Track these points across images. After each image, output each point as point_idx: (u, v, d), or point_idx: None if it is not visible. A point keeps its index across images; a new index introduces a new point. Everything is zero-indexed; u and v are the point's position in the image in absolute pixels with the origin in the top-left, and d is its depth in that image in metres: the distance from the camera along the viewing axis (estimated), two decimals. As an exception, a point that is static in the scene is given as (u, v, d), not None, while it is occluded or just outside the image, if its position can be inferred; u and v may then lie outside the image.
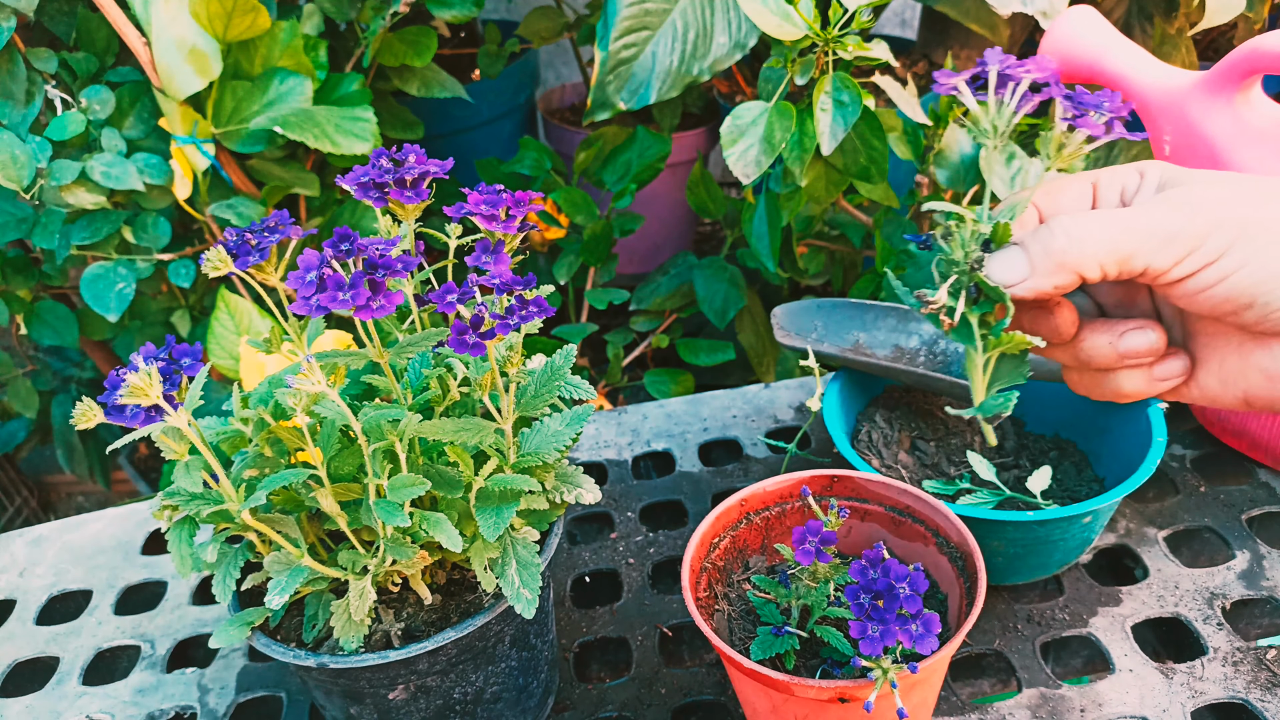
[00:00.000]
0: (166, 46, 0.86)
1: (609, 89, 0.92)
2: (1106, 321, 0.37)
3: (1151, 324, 0.37)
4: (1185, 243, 0.32)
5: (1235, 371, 0.36)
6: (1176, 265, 0.33)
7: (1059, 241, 0.33)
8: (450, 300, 0.40)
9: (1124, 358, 0.36)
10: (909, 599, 0.44)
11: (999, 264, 0.34)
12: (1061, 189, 0.37)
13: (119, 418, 0.40)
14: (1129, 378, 0.37)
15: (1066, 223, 0.33)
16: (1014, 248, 0.34)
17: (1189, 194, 0.33)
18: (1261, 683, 0.55)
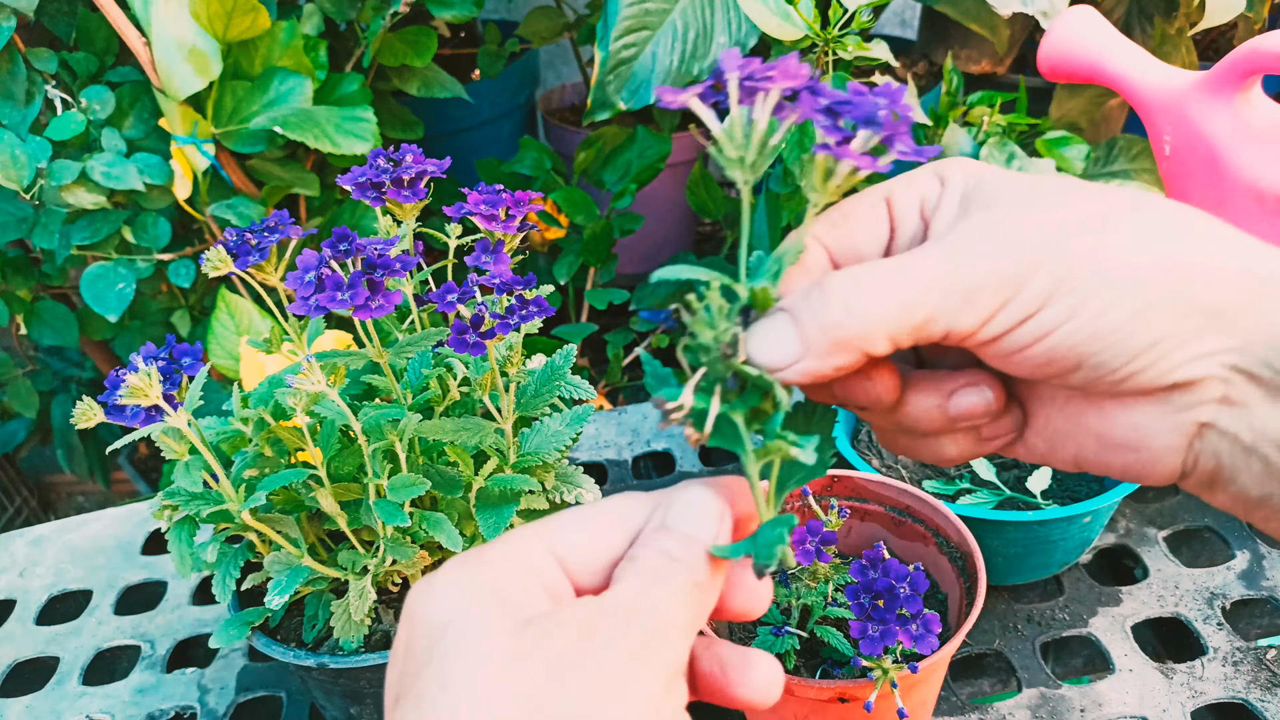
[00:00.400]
0: (166, 46, 0.86)
1: (609, 89, 0.92)
2: (930, 377, 0.29)
3: (983, 378, 0.28)
4: (993, 296, 0.24)
5: (1063, 433, 0.28)
6: (984, 325, 0.25)
7: (834, 314, 0.25)
8: (450, 300, 0.40)
9: (955, 421, 0.28)
10: (909, 599, 0.44)
11: (761, 342, 0.25)
12: (849, 214, 0.29)
13: (119, 418, 0.40)
14: (955, 442, 0.29)
15: (843, 287, 0.25)
16: (780, 317, 0.26)
17: (999, 222, 0.25)
18: (1261, 682, 0.55)
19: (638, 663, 0.23)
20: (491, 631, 0.23)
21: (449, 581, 0.25)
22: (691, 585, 0.25)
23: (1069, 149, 0.78)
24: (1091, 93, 1.00)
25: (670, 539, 0.25)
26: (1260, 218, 0.61)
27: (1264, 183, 0.60)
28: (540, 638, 0.23)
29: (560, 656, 0.22)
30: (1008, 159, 0.75)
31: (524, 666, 0.22)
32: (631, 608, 0.24)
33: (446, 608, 0.24)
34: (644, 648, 0.23)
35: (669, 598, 0.24)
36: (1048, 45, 0.66)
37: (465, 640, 0.23)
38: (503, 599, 0.24)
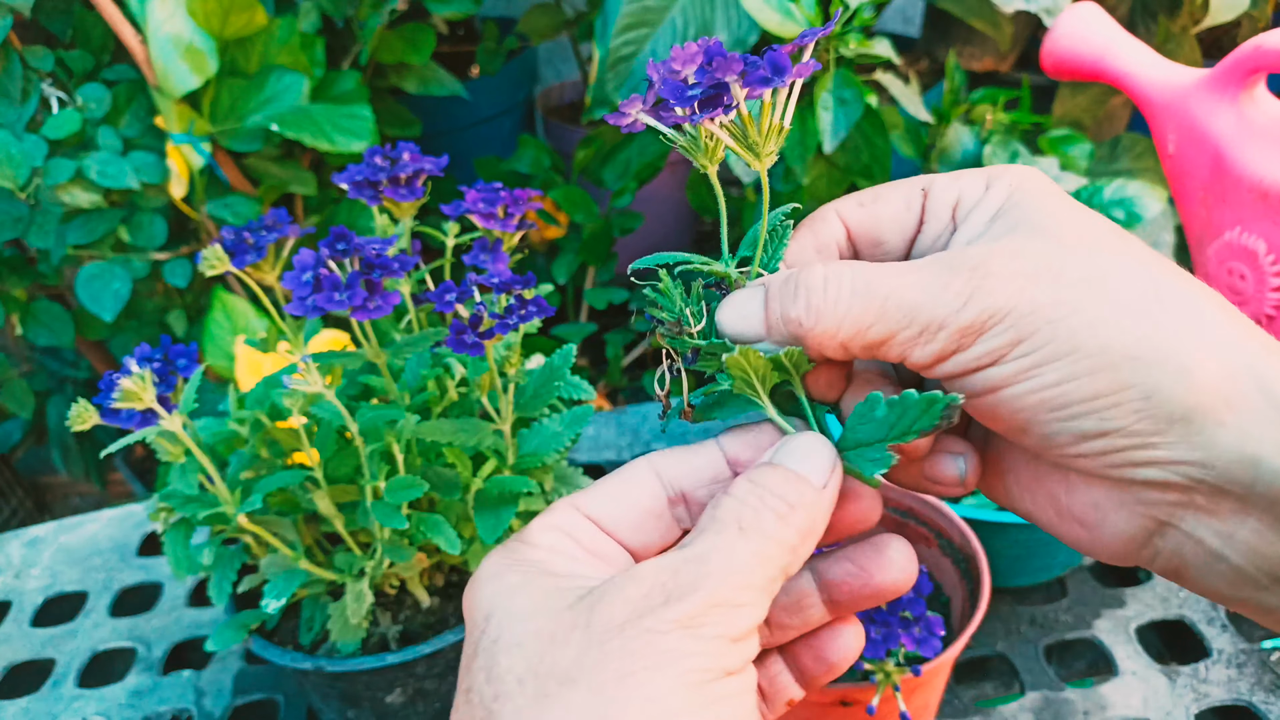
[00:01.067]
0: (163, 44, 0.86)
1: (608, 86, 0.92)
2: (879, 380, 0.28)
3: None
4: (948, 337, 0.23)
5: (1026, 488, 0.26)
6: (937, 364, 0.23)
7: (798, 309, 0.24)
8: (448, 299, 0.39)
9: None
10: (912, 602, 0.44)
11: (731, 311, 0.26)
12: (878, 196, 0.28)
13: (114, 420, 0.40)
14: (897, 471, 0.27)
15: (813, 284, 0.24)
16: (755, 293, 0.26)
17: (982, 258, 0.23)
18: (1266, 685, 0.54)
19: (687, 631, 0.21)
20: (533, 614, 0.22)
21: (490, 570, 0.24)
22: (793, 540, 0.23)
23: (1072, 147, 0.78)
24: (1095, 91, 0.99)
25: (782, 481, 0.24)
26: (1263, 215, 0.60)
27: (1268, 181, 0.59)
28: (584, 610, 0.22)
29: (605, 625, 0.21)
30: (1010, 157, 0.75)
31: (564, 642, 0.22)
32: (698, 570, 0.22)
33: (488, 597, 0.24)
34: (699, 614, 0.21)
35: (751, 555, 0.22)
36: (1051, 42, 0.66)
37: (505, 628, 0.22)
38: (546, 574, 0.24)
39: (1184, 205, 0.66)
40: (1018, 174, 0.26)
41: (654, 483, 0.26)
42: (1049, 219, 0.25)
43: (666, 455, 0.27)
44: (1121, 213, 0.72)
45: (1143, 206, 0.72)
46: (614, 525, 0.26)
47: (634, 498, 0.26)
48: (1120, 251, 0.24)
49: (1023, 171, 0.26)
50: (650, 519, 0.26)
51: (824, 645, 0.27)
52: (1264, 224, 0.60)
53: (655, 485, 0.26)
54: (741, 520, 0.23)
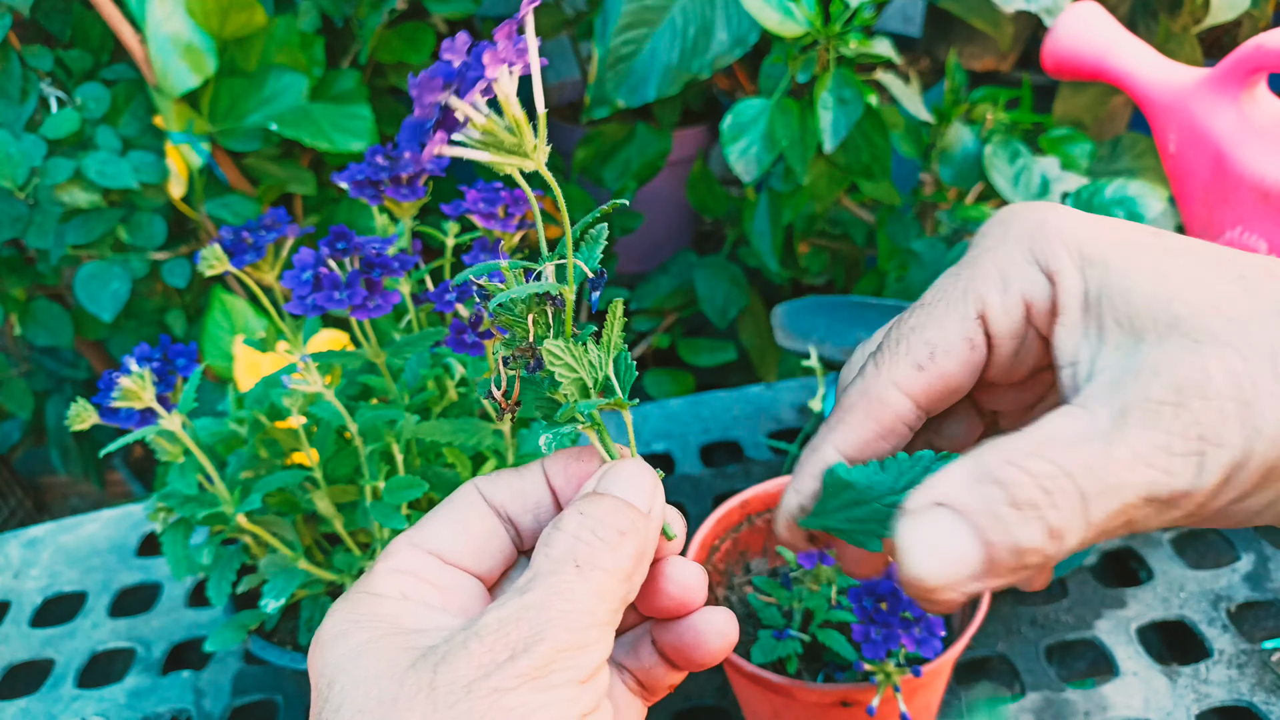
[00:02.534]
0: (162, 44, 0.86)
1: (607, 86, 0.92)
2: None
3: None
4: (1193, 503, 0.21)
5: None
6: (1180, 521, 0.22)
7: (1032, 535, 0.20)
8: (448, 299, 0.39)
9: None
10: (912, 602, 0.44)
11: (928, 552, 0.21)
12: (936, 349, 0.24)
13: (113, 420, 0.40)
14: None
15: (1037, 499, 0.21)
16: (945, 517, 0.21)
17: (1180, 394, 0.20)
18: (1267, 685, 0.54)
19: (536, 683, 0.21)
20: (375, 678, 0.21)
21: (335, 629, 0.23)
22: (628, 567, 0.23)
23: (1073, 147, 0.77)
24: (1096, 90, 0.99)
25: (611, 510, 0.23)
26: (1265, 216, 0.60)
27: (1269, 180, 0.59)
28: (426, 671, 0.21)
29: (450, 688, 0.20)
30: (1011, 157, 0.75)
31: (406, 710, 0.20)
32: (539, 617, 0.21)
33: (332, 662, 0.22)
34: (547, 664, 0.21)
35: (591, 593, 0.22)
36: (1052, 42, 0.66)
37: (350, 692, 0.21)
38: (394, 630, 0.23)
39: (1185, 205, 0.66)
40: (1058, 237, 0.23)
41: (485, 508, 0.26)
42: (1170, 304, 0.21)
43: (493, 480, 0.26)
44: (1122, 212, 0.72)
45: (1144, 206, 0.72)
46: (457, 556, 0.25)
47: (468, 526, 0.25)
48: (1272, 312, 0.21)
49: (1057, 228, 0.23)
50: (489, 543, 0.26)
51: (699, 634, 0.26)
52: (1265, 224, 0.60)
53: (487, 510, 0.26)
54: (576, 557, 0.23)
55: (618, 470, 0.25)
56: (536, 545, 0.24)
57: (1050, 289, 0.24)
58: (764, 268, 1.05)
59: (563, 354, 0.24)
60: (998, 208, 0.82)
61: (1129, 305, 0.22)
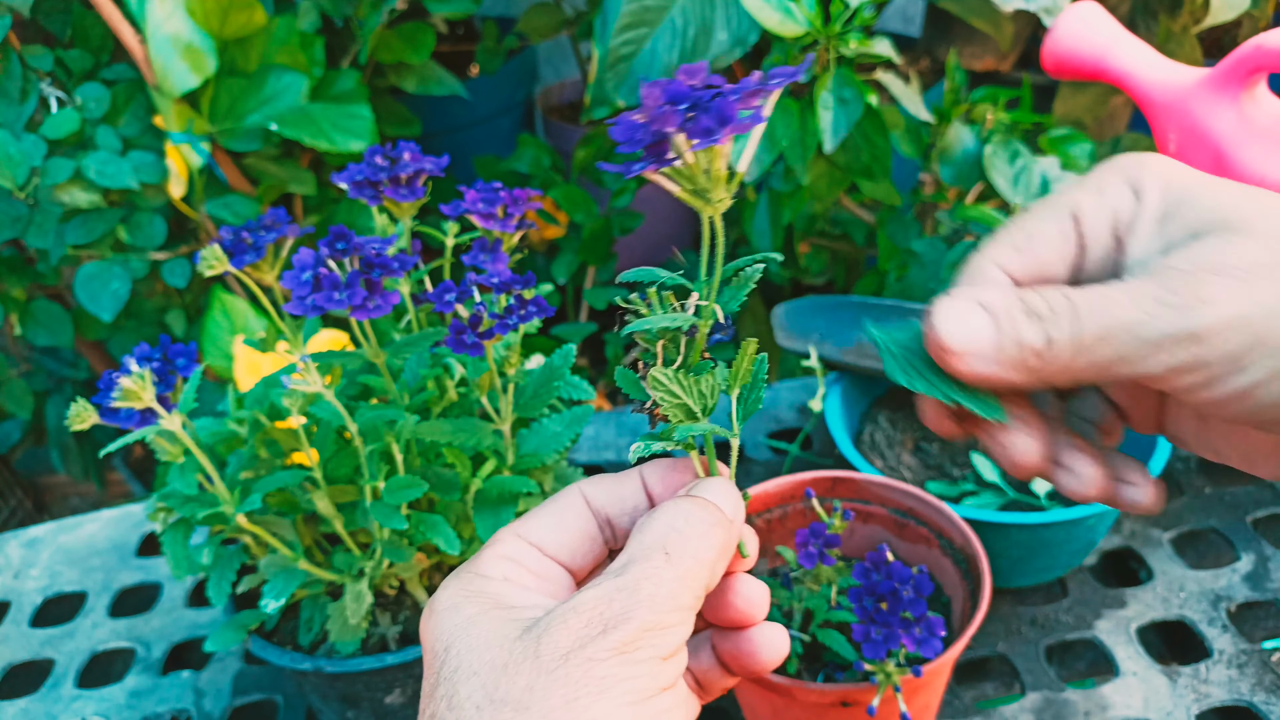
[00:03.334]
0: (162, 44, 0.86)
1: (608, 86, 0.92)
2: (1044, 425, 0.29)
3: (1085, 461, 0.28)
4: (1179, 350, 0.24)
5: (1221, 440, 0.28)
6: (1168, 376, 0.24)
7: (1032, 335, 0.25)
8: (448, 299, 0.39)
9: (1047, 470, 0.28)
10: (913, 602, 0.44)
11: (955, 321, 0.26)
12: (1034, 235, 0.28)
13: (113, 420, 0.40)
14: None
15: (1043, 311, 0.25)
16: (976, 307, 0.26)
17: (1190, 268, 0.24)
18: (1267, 685, 0.54)
19: (624, 656, 0.23)
20: (487, 645, 0.24)
21: (447, 602, 0.26)
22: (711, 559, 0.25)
23: (1073, 147, 0.77)
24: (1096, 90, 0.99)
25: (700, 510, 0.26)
26: (1265, 216, 0.60)
27: (1269, 180, 0.59)
28: (532, 641, 0.24)
29: (551, 655, 0.23)
30: (1011, 156, 0.75)
31: (517, 671, 0.23)
32: (630, 599, 0.24)
33: (447, 629, 0.25)
34: (633, 640, 0.23)
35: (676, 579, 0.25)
36: (1052, 42, 0.66)
37: (464, 658, 0.24)
38: (499, 605, 0.26)
39: (1185, 205, 0.66)
40: (1155, 172, 0.27)
41: (585, 509, 0.29)
42: (1229, 210, 0.25)
43: (595, 483, 0.29)
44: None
45: (1143, 206, 0.72)
46: (555, 550, 0.28)
47: (569, 524, 0.28)
48: None
49: (1156, 167, 0.27)
50: (584, 542, 0.29)
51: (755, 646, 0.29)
52: (1265, 224, 0.60)
53: (586, 511, 0.29)
54: (667, 545, 0.25)
55: (710, 482, 0.28)
56: (631, 534, 0.26)
57: (1136, 205, 0.27)
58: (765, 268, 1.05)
59: (668, 382, 0.27)
60: (998, 208, 0.82)
61: (1196, 214, 0.25)
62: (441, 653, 0.25)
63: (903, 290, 0.79)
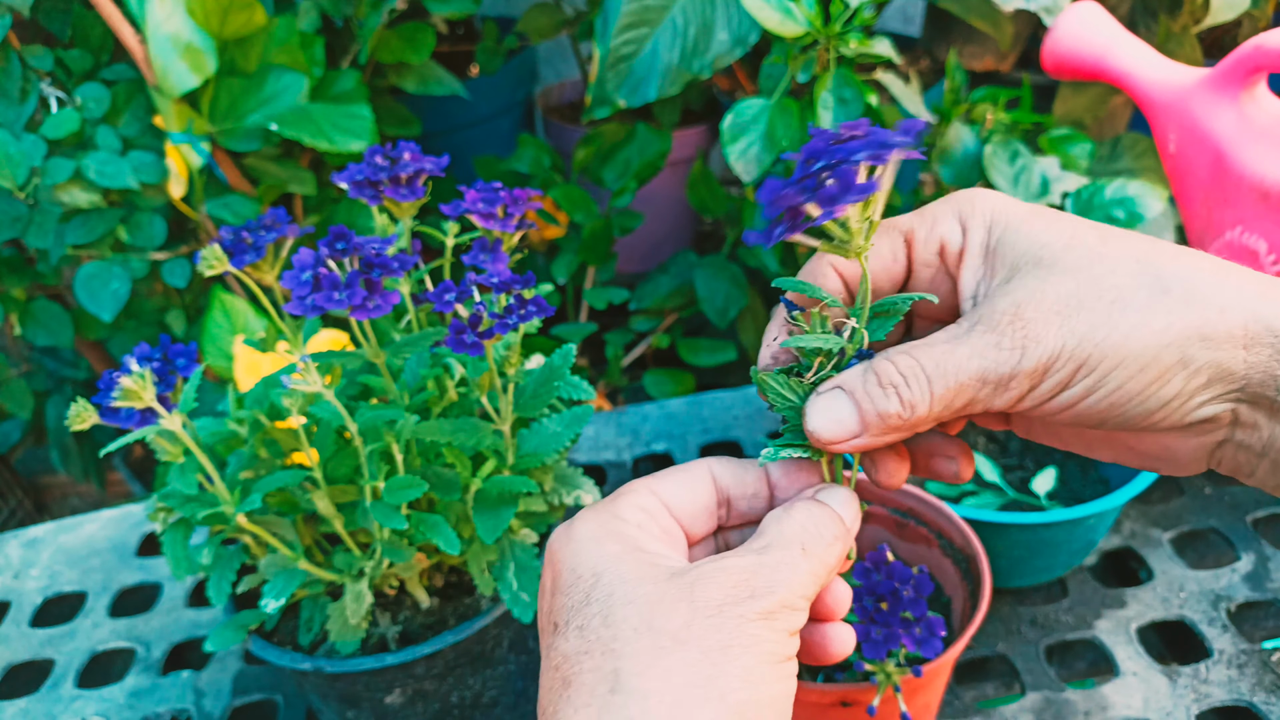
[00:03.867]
0: (162, 43, 0.86)
1: (608, 86, 0.92)
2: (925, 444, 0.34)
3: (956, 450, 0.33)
4: (1019, 385, 0.28)
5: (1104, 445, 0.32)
6: (1016, 404, 0.29)
7: (891, 405, 0.29)
8: (448, 299, 0.39)
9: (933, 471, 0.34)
10: (913, 602, 0.44)
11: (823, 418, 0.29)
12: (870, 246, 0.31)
13: (113, 420, 0.40)
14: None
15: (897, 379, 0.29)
16: (836, 396, 0.29)
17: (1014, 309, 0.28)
18: (1267, 685, 0.54)
19: (768, 620, 0.27)
20: (639, 580, 0.27)
21: (590, 533, 0.29)
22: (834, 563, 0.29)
23: (1073, 146, 0.77)
24: (1096, 90, 0.99)
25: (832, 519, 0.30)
26: (1264, 215, 0.60)
27: (1269, 180, 0.59)
28: (684, 587, 0.27)
29: (706, 604, 0.27)
30: (1011, 156, 0.74)
31: (672, 608, 0.27)
32: (773, 576, 0.28)
33: (594, 557, 0.28)
34: (781, 607, 0.27)
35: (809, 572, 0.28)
36: (1052, 42, 0.66)
37: (618, 588, 0.27)
38: (637, 549, 0.29)
39: (1185, 205, 0.66)
40: (980, 209, 0.31)
41: (711, 484, 0.32)
42: (1040, 248, 0.29)
43: (723, 463, 0.32)
44: (1122, 212, 0.72)
45: (1144, 206, 0.72)
46: (680, 512, 0.31)
47: (697, 493, 0.32)
48: (1113, 255, 0.29)
49: (981, 201, 0.31)
50: (704, 513, 0.32)
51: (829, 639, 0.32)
52: (1265, 224, 0.60)
53: (712, 486, 0.32)
54: (804, 542, 0.29)
55: (839, 492, 0.31)
56: (767, 519, 0.30)
57: (962, 239, 0.31)
58: (764, 268, 1.05)
59: (782, 389, 0.30)
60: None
61: (1013, 251, 0.30)
62: (590, 577, 0.28)
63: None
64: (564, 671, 0.27)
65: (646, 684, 0.25)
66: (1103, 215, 0.72)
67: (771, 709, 0.26)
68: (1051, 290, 0.28)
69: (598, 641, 0.26)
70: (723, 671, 0.26)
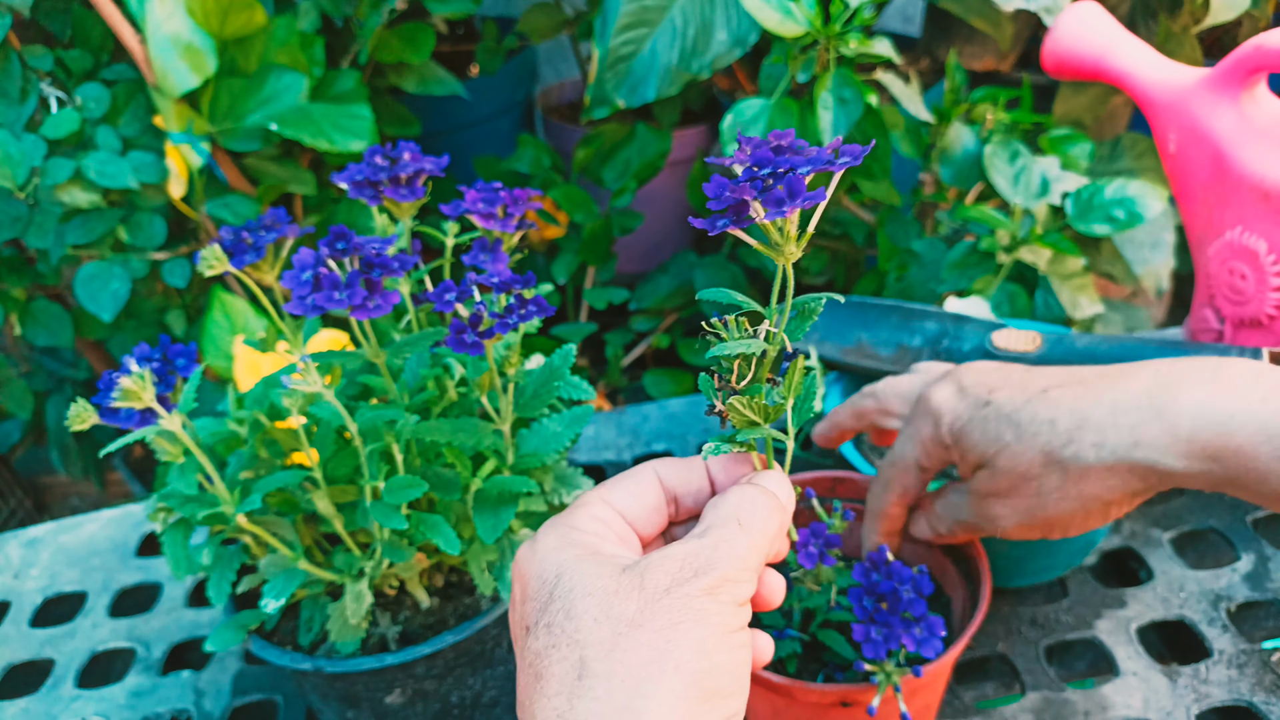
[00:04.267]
0: (162, 44, 0.86)
1: (607, 86, 0.92)
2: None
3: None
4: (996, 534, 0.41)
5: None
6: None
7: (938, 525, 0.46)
8: (448, 299, 0.39)
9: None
10: (913, 602, 0.44)
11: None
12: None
13: (113, 420, 0.40)
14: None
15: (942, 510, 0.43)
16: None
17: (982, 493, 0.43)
18: (1267, 685, 0.54)
19: (712, 594, 0.29)
20: (596, 575, 0.30)
21: (552, 543, 0.31)
22: (772, 534, 0.32)
23: (1073, 146, 0.77)
24: (1096, 90, 0.99)
25: (764, 495, 0.32)
26: (1264, 215, 0.60)
27: (1269, 180, 0.59)
28: (635, 576, 0.29)
29: (654, 589, 0.29)
30: (1011, 156, 0.74)
31: (626, 597, 0.29)
32: (713, 554, 0.30)
33: (555, 562, 0.31)
34: (725, 580, 0.30)
35: (748, 545, 0.31)
36: (1052, 41, 0.66)
37: (577, 583, 0.30)
38: (595, 552, 0.31)
39: (1185, 205, 0.66)
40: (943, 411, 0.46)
41: (658, 486, 0.34)
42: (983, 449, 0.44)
43: (667, 464, 0.35)
44: (1122, 212, 0.72)
45: (1144, 206, 0.72)
46: (632, 517, 0.33)
47: (646, 497, 0.34)
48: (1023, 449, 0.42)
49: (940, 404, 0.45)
50: (655, 513, 0.34)
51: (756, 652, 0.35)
52: (1265, 224, 0.60)
53: (659, 488, 0.34)
54: (740, 518, 0.31)
55: (769, 474, 0.34)
56: (706, 508, 0.32)
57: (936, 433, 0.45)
58: (764, 268, 1.05)
59: (743, 409, 0.33)
60: (998, 208, 0.82)
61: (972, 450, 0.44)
62: (553, 579, 0.30)
63: (902, 290, 0.79)
64: (536, 667, 0.29)
65: (610, 666, 0.27)
66: (1103, 215, 0.72)
67: (727, 676, 0.29)
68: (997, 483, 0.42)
69: (562, 634, 0.29)
70: (676, 646, 0.28)
